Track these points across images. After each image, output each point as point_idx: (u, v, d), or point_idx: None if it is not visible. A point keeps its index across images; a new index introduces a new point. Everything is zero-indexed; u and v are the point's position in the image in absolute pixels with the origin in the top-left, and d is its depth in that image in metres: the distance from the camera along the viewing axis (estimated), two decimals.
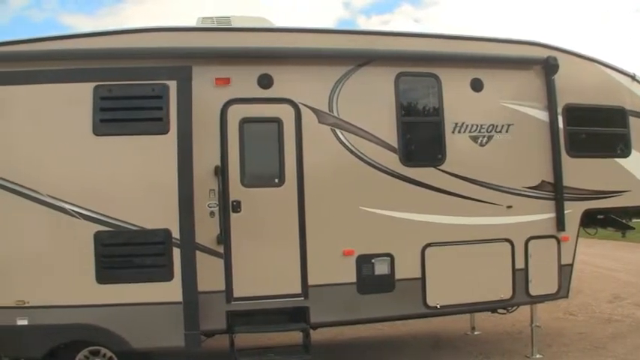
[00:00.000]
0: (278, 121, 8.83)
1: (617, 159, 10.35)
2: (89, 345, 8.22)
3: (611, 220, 11.09)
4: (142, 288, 7.99)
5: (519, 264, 9.55)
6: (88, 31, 8.73)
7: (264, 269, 8.67)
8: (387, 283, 8.99)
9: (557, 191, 9.74)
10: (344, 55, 9.06)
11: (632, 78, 10.55)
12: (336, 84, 8.97)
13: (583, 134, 10.27)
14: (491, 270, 9.40)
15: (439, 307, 9.20)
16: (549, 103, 9.81)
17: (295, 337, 9.11)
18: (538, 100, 9.84)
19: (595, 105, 10.24)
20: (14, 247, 7.85)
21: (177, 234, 8.00)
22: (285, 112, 8.84)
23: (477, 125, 9.46)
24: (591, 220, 10.72)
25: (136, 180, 8.10)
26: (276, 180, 8.81)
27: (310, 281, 8.75)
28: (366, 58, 9.12)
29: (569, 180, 9.80)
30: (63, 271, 7.91)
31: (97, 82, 8.07)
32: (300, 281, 8.76)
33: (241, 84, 8.76)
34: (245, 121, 8.72)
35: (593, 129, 10.40)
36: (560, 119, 9.86)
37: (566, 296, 10.11)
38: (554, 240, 9.79)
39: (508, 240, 9.49)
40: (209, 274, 8.33)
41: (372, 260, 8.94)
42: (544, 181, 9.73)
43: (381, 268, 8.96)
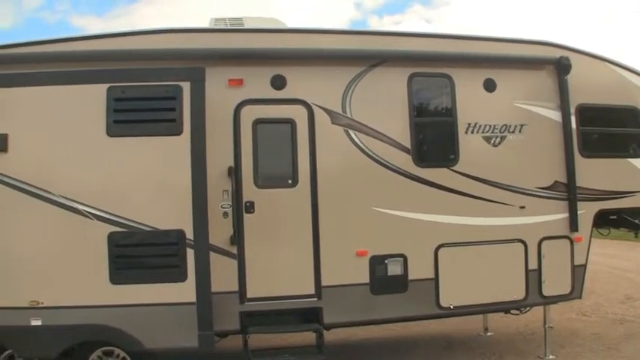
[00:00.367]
0: (291, 122, 8.83)
1: (630, 159, 10.31)
2: (102, 345, 8.23)
3: (624, 221, 11.02)
4: (155, 288, 8.00)
5: (532, 264, 9.51)
6: (101, 33, 8.78)
7: (277, 270, 8.68)
8: (400, 283, 8.98)
9: (570, 191, 9.71)
10: (357, 56, 9.07)
11: None
12: (349, 85, 8.97)
13: (596, 134, 10.25)
14: (505, 271, 9.36)
15: (452, 307, 9.18)
16: (562, 103, 9.78)
17: (308, 337, 9.11)
18: (551, 100, 9.81)
19: (608, 105, 10.21)
20: (28, 248, 7.85)
21: (190, 235, 8.00)
22: (299, 113, 8.84)
23: (490, 125, 9.44)
24: (604, 221, 10.66)
25: (150, 181, 8.11)
26: (290, 181, 8.81)
27: (323, 282, 8.75)
28: (379, 58, 9.12)
29: (582, 180, 9.77)
30: (76, 272, 7.91)
31: (110, 84, 8.08)
32: (314, 282, 8.76)
33: (254, 85, 8.77)
34: (258, 122, 8.73)
35: (605, 129, 10.38)
36: (573, 119, 9.83)
37: (580, 297, 10.07)
38: (567, 240, 9.75)
39: (521, 240, 9.46)
40: (222, 274, 8.34)
41: (385, 261, 8.93)
42: (557, 182, 9.70)
43: (394, 268, 8.96)
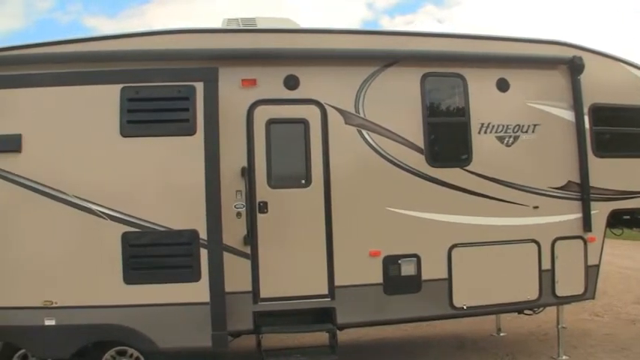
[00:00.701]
0: (304, 122, 8.84)
1: None
2: (116, 345, 8.26)
3: (637, 221, 10.98)
4: (169, 288, 8.00)
5: (546, 265, 9.47)
6: (114, 33, 8.79)
7: (290, 270, 8.68)
8: (413, 283, 8.96)
9: (583, 191, 9.67)
10: (370, 56, 9.06)
11: None
12: (362, 85, 8.96)
13: (609, 134, 10.20)
14: (518, 271, 9.33)
15: (465, 308, 9.15)
16: (575, 102, 9.74)
17: (320, 337, 9.11)
18: (564, 100, 9.77)
19: (621, 105, 10.15)
20: (42, 248, 7.87)
21: (204, 235, 8.00)
22: (312, 113, 8.84)
23: (503, 125, 9.42)
24: (617, 221, 10.63)
25: (163, 181, 8.12)
26: (303, 181, 8.81)
27: (337, 282, 8.75)
28: (392, 58, 9.11)
29: (595, 180, 9.72)
30: (90, 272, 7.93)
31: (124, 84, 8.09)
32: (327, 282, 8.75)
33: (267, 85, 8.77)
34: (271, 122, 8.74)
35: (619, 129, 10.33)
36: (586, 119, 9.79)
37: (593, 297, 10.03)
38: (580, 241, 9.71)
39: (535, 241, 9.43)
40: (236, 274, 8.34)
41: (399, 261, 8.91)
42: (570, 182, 9.67)
43: (408, 268, 8.94)
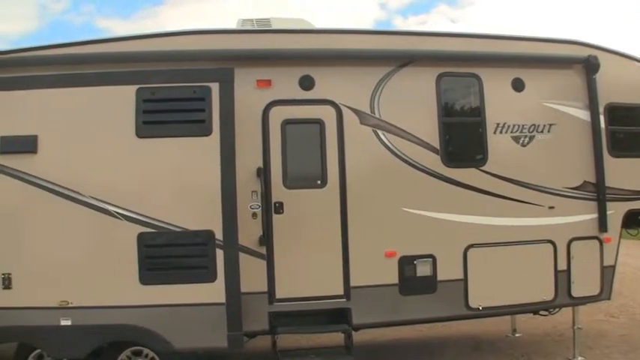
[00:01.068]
0: (320, 123, 8.83)
1: None
2: (131, 345, 8.28)
3: None
4: (184, 289, 8.01)
5: (562, 265, 9.44)
6: (129, 35, 8.86)
7: (306, 270, 8.69)
8: (429, 284, 8.94)
9: (599, 192, 9.62)
10: (385, 56, 9.04)
11: None
12: (378, 85, 8.95)
13: (625, 134, 10.14)
14: (534, 271, 9.29)
15: (481, 308, 9.12)
16: (591, 102, 9.69)
17: (335, 338, 9.10)
18: (579, 100, 9.72)
19: (637, 104, 10.08)
20: (58, 249, 7.90)
21: (220, 235, 8.00)
22: (327, 114, 8.83)
23: (519, 125, 9.38)
24: (633, 221, 10.52)
25: (179, 181, 8.12)
26: (319, 181, 8.80)
27: (352, 282, 8.74)
28: (408, 58, 9.09)
29: (611, 180, 9.68)
30: (106, 272, 7.95)
31: (139, 85, 8.11)
32: (343, 282, 8.74)
33: (283, 85, 8.78)
34: (287, 123, 8.74)
35: (635, 128, 10.24)
36: (602, 119, 9.74)
37: (609, 298, 9.99)
38: (596, 241, 9.67)
39: (550, 241, 9.39)
40: (251, 275, 8.34)
41: (415, 261, 8.89)
42: (586, 182, 9.62)
43: (423, 269, 8.92)
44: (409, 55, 9.10)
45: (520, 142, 9.39)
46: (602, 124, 9.75)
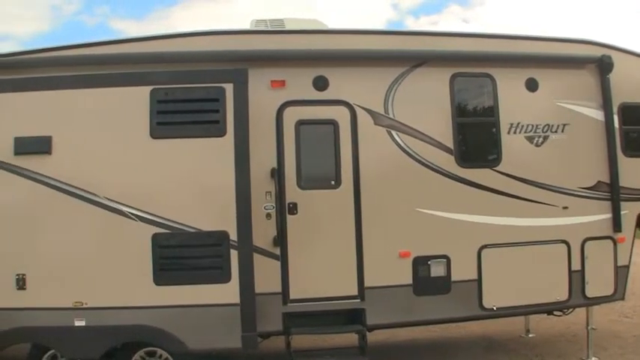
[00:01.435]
0: (334, 123, 8.81)
1: None
2: (145, 346, 8.30)
3: None
4: (199, 289, 8.02)
5: (576, 265, 9.40)
6: (144, 36, 8.83)
7: (320, 271, 8.67)
8: (443, 284, 8.93)
9: (613, 191, 9.58)
10: (399, 57, 9.02)
11: None
12: (392, 85, 8.93)
13: (639, 133, 10.10)
14: (548, 271, 9.26)
15: (495, 309, 9.09)
16: (604, 102, 9.65)
17: (349, 338, 9.08)
18: (593, 100, 9.67)
19: None
20: (73, 249, 7.93)
21: (234, 236, 8.02)
22: (341, 114, 8.82)
23: (533, 125, 9.35)
24: None
25: (193, 182, 8.13)
26: (333, 182, 8.79)
27: (366, 283, 8.72)
28: (421, 59, 9.06)
29: (625, 180, 9.63)
30: (120, 273, 7.98)
31: (153, 86, 8.13)
32: (357, 283, 8.73)
33: (297, 86, 8.76)
34: (301, 123, 8.73)
35: None
36: (616, 118, 9.69)
37: (622, 298, 9.95)
38: (610, 241, 9.62)
39: (564, 241, 9.35)
40: (265, 275, 8.34)
41: (429, 262, 8.87)
42: (600, 182, 9.58)
43: (438, 269, 8.90)
44: (423, 56, 9.08)
45: (534, 142, 9.36)
46: (616, 123, 9.69)
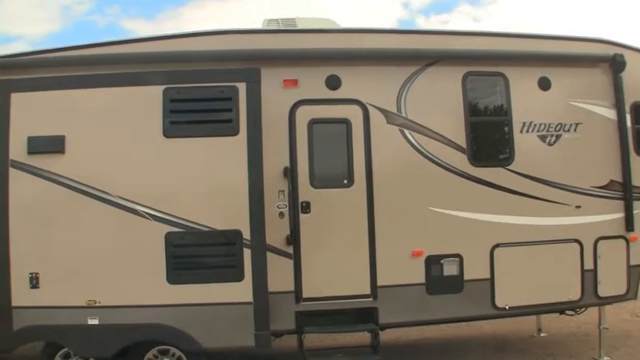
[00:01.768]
0: (346, 122, 8.81)
1: None
2: (158, 344, 8.30)
3: None
4: (212, 288, 8.06)
5: (588, 265, 9.36)
6: (156, 35, 8.87)
7: (333, 270, 8.67)
8: (455, 283, 8.91)
9: (626, 190, 9.54)
10: (412, 56, 9.00)
11: None
12: (404, 84, 8.92)
13: None
14: (560, 271, 9.23)
15: (508, 308, 9.07)
16: (617, 101, 9.61)
17: (362, 337, 9.10)
18: (605, 99, 9.63)
19: None
20: (86, 248, 7.95)
21: (247, 235, 8.04)
22: (354, 113, 8.81)
23: (545, 124, 9.32)
24: None
25: (207, 181, 8.16)
26: (346, 181, 8.78)
27: (379, 282, 8.72)
28: (434, 58, 9.05)
29: (638, 179, 9.60)
30: (134, 272, 8.01)
31: (166, 85, 8.15)
32: (370, 282, 8.73)
33: (309, 85, 8.77)
34: (314, 122, 8.73)
35: None
36: (628, 117, 9.66)
37: (635, 298, 9.91)
38: (622, 240, 9.59)
39: (577, 240, 9.32)
40: (279, 274, 8.36)
41: (441, 261, 8.87)
42: (613, 181, 9.54)
43: (450, 268, 8.89)
44: (435, 55, 9.07)
45: (546, 141, 9.33)
46: (629, 122, 9.66)
